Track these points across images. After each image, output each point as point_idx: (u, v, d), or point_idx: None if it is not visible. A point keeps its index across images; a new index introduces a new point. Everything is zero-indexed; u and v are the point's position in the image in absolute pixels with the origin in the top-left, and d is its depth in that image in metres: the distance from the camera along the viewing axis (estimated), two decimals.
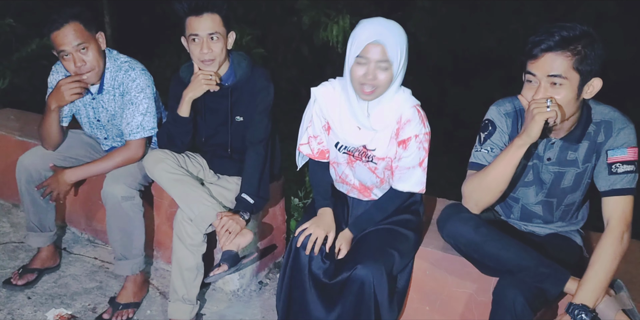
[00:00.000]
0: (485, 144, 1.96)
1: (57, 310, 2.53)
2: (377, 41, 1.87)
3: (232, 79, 2.38)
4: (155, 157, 2.35)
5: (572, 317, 1.71)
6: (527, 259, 1.81)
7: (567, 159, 1.91)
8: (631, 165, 1.81)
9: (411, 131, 2.03)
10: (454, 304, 2.22)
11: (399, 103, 2.03)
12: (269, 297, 2.67)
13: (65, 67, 2.43)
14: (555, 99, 1.72)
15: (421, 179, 2.10)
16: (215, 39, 2.25)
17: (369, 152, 2.11)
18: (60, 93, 2.43)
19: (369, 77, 1.92)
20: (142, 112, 2.50)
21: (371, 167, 2.14)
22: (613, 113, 1.85)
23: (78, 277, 2.79)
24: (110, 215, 2.46)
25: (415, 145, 2.04)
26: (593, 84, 1.75)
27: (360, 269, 1.98)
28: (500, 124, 1.95)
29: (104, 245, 3.04)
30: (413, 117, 2.03)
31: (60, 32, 2.34)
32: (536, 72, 1.74)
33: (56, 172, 2.52)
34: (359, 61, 1.92)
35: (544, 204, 2.01)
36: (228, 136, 2.44)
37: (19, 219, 3.27)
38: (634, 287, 1.91)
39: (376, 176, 2.17)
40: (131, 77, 2.48)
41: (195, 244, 2.33)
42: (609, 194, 1.82)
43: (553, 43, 1.69)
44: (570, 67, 1.70)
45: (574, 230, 2.07)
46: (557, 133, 1.88)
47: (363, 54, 1.90)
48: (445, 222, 1.97)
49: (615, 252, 1.75)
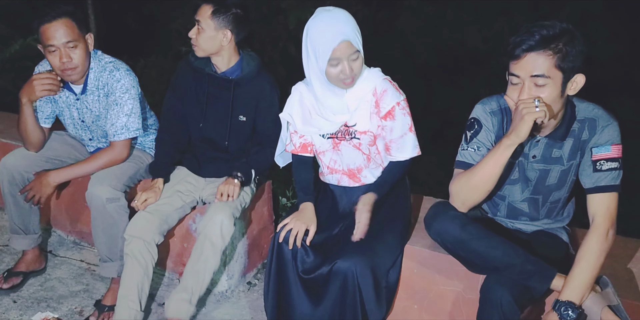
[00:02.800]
0: (472, 143, 1.96)
1: (43, 313, 2.50)
2: (342, 40, 1.94)
3: (237, 74, 2.41)
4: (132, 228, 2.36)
5: (558, 313, 1.72)
6: (514, 257, 1.81)
7: (551, 156, 1.91)
8: (615, 162, 1.82)
9: (391, 100, 2.11)
10: (442, 302, 2.22)
11: (370, 78, 2.12)
12: (258, 298, 2.65)
13: (49, 61, 2.40)
14: (541, 98, 1.73)
15: (415, 142, 2.19)
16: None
17: (351, 129, 2.16)
18: (31, 87, 2.41)
19: (347, 72, 2.00)
20: (126, 113, 2.48)
21: (355, 144, 2.18)
22: (597, 110, 1.86)
23: (64, 280, 2.76)
24: (95, 217, 2.44)
25: (400, 112, 2.12)
26: (576, 80, 1.76)
27: (341, 262, 1.99)
28: (486, 123, 1.96)
29: (90, 248, 3.01)
30: (387, 86, 2.12)
31: (51, 25, 2.31)
32: (519, 73, 1.74)
33: (39, 174, 2.49)
34: (332, 63, 1.99)
35: (529, 201, 2.01)
36: (227, 132, 2.44)
37: (2, 221, 3.23)
38: (619, 283, 1.92)
39: (362, 153, 2.20)
40: (116, 77, 2.46)
41: (224, 247, 2.35)
42: (594, 191, 1.83)
43: (534, 42, 1.70)
44: (553, 66, 1.70)
45: (560, 227, 2.08)
46: (542, 131, 1.89)
47: (334, 56, 1.97)
48: (433, 220, 1.97)
49: (600, 249, 1.76)
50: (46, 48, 2.36)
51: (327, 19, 1.97)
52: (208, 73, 2.42)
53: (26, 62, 4.87)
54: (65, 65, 2.37)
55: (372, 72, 2.14)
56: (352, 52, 1.97)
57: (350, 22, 1.97)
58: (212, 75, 2.42)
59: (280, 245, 2.13)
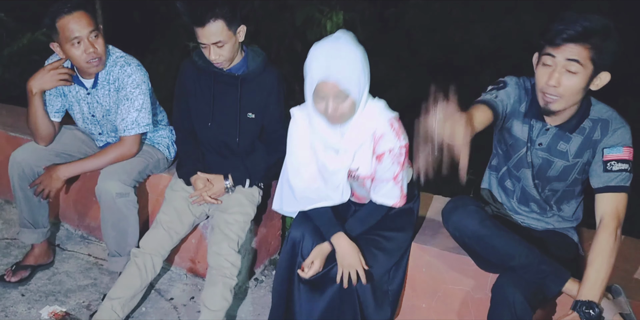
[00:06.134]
0: (492, 92, 1.95)
1: (51, 307, 2.51)
2: (327, 78, 1.80)
3: (243, 70, 2.37)
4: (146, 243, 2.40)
5: (580, 313, 1.70)
6: (530, 256, 1.82)
7: (557, 148, 1.92)
8: (626, 164, 1.82)
9: (385, 146, 1.97)
10: (450, 301, 2.23)
11: (371, 117, 1.96)
12: (265, 294, 2.66)
13: (71, 55, 2.35)
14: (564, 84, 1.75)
15: (394, 193, 2.04)
16: (221, 45, 2.22)
17: (353, 173, 2.06)
18: (46, 76, 2.40)
19: (330, 110, 1.86)
20: (137, 108, 2.48)
21: (360, 183, 2.12)
22: (611, 113, 1.87)
23: (72, 274, 2.77)
24: (105, 212, 2.45)
25: (389, 160, 1.98)
26: (601, 77, 1.78)
27: (338, 267, 2.00)
28: (511, 89, 1.95)
29: (98, 242, 3.02)
30: (386, 131, 1.95)
31: (71, 17, 2.28)
32: (556, 54, 1.75)
33: (49, 168, 2.49)
34: (317, 95, 1.86)
35: (535, 185, 2.02)
36: (237, 129, 2.42)
37: (11, 215, 3.23)
38: (630, 285, 1.93)
39: (367, 191, 2.14)
40: (127, 72, 2.45)
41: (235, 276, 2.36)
42: (603, 190, 1.83)
43: (575, 33, 1.70)
44: (588, 57, 1.71)
45: (570, 228, 2.08)
46: (554, 120, 1.90)
47: (318, 91, 1.84)
48: (451, 214, 1.97)
49: (612, 247, 1.76)
50: (69, 42, 2.31)
51: (327, 49, 1.83)
52: (214, 71, 2.37)
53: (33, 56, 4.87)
54: (91, 55, 2.34)
55: (374, 109, 1.97)
56: (338, 94, 1.82)
57: (351, 63, 1.81)
58: (218, 73, 2.37)
59: (292, 246, 2.13)
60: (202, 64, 2.37)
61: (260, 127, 2.46)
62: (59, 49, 2.38)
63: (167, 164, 2.75)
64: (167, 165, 2.75)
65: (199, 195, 2.41)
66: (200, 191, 2.41)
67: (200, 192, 2.41)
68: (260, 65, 2.38)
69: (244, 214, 2.41)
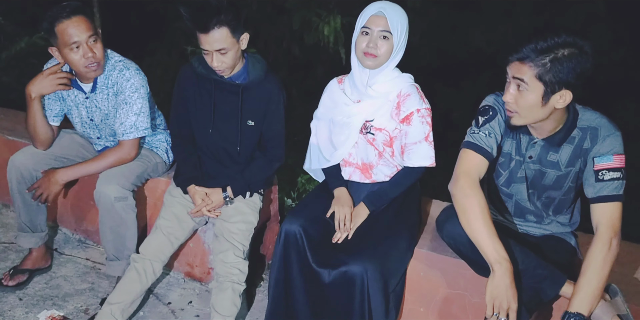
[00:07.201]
0: (484, 128, 1.94)
1: (48, 311, 2.51)
2: (380, 12, 2.06)
3: (243, 78, 2.35)
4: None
5: None
6: (525, 261, 1.82)
7: (547, 159, 1.92)
8: (618, 172, 1.80)
9: (412, 106, 2.15)
10: (448, 305, 2.23)
11: (398, 80, 2.19)
12: (262, 299, 2.66)
13: (70, 60, 2.34)
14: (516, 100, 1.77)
15: (429, 153, 2.19)
16: (224, 52, 2.20)
17: (367, 123, 2.21)
18: (45, 81, 2.40)
19: (371, 44, 2.08)
20: (135, 112, 2.48)
21: (369, 139, 2.22)
22: (600, 120, 1.84)
23: (70, 278, 2.76)
24: (103, 216, 2.45)
25: (419, 120, 2.15)
26: (564, 95, 1.73)
27: (353, 266, 1.99)
28: (498, 111, 1.95)
29: (96, 246, 3.02)
30: (412, 91, 2.17)
31: (70, 22, 2.28)
32: (508, 71, 1.78)
33: (48, 172, 2.49)
34: (363, 31, 2.09)
35: (530, 196, 2.02)
36: (238, 137, 2.41)
37: (9, 219, 3.23)
38: (627, 289, 1.93)
39: (374, 148, 2.23)
40: (125, 76, 2.46)
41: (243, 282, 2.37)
42: (597, 200, 1.82)
43: (516, 52, 1.71)
44: (533, 76, 1.70)
45: (568, 233, 2.09)
46: (540, 133, 1.89)
47: (367, 25, 2.08)
48: (445, 223, 1.97)
49: (605, 258, 1.74)
50: (68, 47, 2.30)
51: (387, 1, 2.11)
52: (214, 78, 2.34)
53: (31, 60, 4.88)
54: (89, 60, 2.34)
55: (402, 77, 2.21)
56: (385, 29, 2.06)
57: (399, 12, 2.09)
58: (219, 81, 2.34)
59: (287, 243, 2.14)
60: (202, 70, 2.34)
61: (259, 135, 2.44)
62: (58, 54, 2.38)
63: (165, 168, 2.75)
64: (165, 169, 2.75)
65: (199, 210, 2.42)
66: (199, 207, 2.41)
67: (200, 208, 2.41)
68: (261, 73, 2.35)
69: (247, 223, 2.42)
